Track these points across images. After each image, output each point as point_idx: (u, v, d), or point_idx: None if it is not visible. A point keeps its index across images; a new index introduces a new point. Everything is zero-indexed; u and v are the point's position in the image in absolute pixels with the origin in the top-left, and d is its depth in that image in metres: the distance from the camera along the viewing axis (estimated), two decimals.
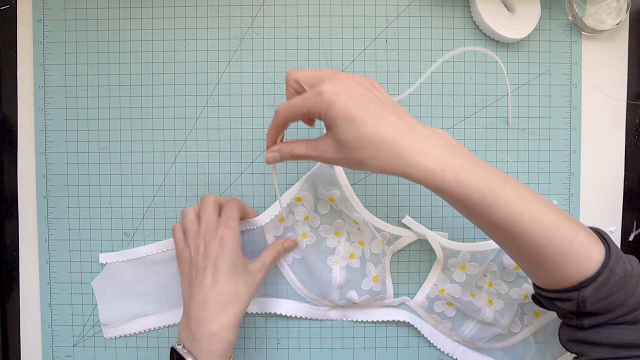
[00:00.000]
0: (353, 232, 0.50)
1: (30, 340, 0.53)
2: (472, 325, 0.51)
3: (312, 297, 0.51)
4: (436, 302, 0.51)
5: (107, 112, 0.51)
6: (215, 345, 0.39)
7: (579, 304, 0.36)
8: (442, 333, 0.52)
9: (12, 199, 0.52)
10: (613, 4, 0.50)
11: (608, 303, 0.35)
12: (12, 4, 0.51)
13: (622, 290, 0.35)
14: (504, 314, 0.50)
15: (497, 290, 0.50)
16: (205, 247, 0.41)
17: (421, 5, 0.51)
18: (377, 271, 0.49)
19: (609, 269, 0.35)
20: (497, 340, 0.51)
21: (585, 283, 0.35)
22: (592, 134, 0.52)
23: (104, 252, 0.51)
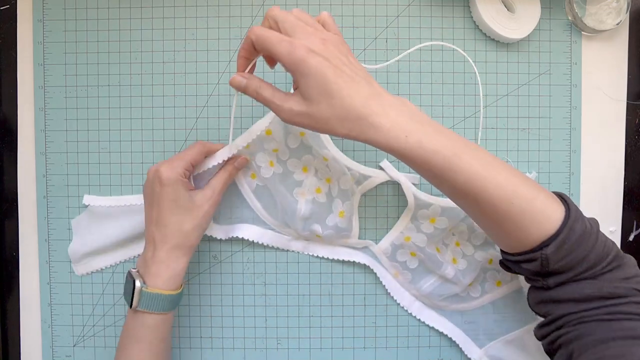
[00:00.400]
0: (321, 169, 0.49)
1: (30, 340, 0.53)
2: (432, 280, 0.51)
3: (275, 224, 0.50)
4: (400, 250, 0.50)
5: (107, 112, 0.51)
6: (163, 270, 0.43)
7: (543, 262, 0.38)
8: (401, 285, 0.52)
9: (12, 199, 0.52)
10: (613, 4, 0.50)
11: (569, 260, 0.37)
12: (12, 4, 0.51)
13: (582, 247, 0.37)
14: (465, 274, 0.50)
15: (463, 250, 0.50)
16: (151, 188, 0.44)
17: (421, 5, 0.51)
18: (344, 207, 0.49)
19: (569, 227, 0.37)
20: (454, 301, 0.51)
21: (547, 242, 0.37)
22: (592, 134, 0.52)
23: (91, 195, 0.51)
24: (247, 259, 0.52)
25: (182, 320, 0.52)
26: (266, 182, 0.49)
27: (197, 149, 0.45)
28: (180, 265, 0.44)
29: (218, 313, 0.52)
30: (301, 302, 0.52)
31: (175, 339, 0.52)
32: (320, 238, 0.50)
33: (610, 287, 0.37)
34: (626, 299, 0.36)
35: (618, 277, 0.37)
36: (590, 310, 0.37)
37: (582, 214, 0.39)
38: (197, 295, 0.52)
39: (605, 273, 0.37)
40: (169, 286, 0.43)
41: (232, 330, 0.52)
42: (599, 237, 0.38)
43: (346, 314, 0.53)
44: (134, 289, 0.42)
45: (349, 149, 0.50)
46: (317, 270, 0.52)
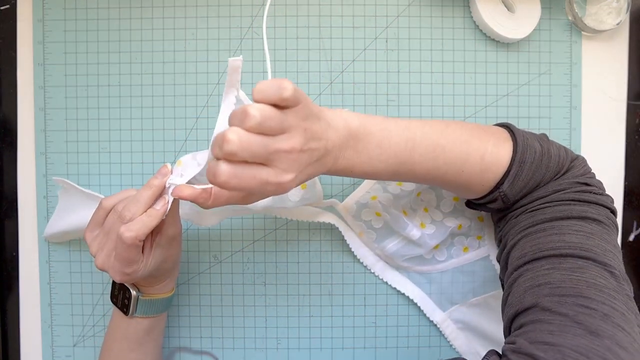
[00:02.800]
0: None
1: (30, 340, 0.53)
2: (397, 241, 0.50)
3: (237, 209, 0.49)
4: (365, 210, 0.50)
5: (107, 112, 0.51)
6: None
7: (504, 199, 0.40)
8: (365, 244, 0.52)
9: (12, 199, 0.52)
10: (613, 4, 0.50)
11: (529, 188, 0.39)
12: (12, 4, 0.51)
13: (537, 173, 0.39)
14: (433, 237, 0.50)
15: (432, 216, 0.50)
16: None
17: (421, 5, 0.51)
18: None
19: (518, 161, 0.39)
20: (418, 262, 0.51)
21: (501, 180, 0.39)
22: (592, 134, 0.52)
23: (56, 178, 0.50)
24: (247, 259, 0.52)
25: (183, 320, 0.52)
26: None
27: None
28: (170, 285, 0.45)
29: (218, 313, 0.52)
30: (301, 302, 0.52)
31: (176, 339, 0.52)
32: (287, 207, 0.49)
33: (555, 184, 0.39)
34: (567, 190, 0.39)
35: (566, 177, 0.40)
36: (531, 203, 0.40)
37: (531, 140, 0.40)
38: (197, 295, 0.52)
39: (559, 178, 0.40)
40: (161, 290, 0.44)
41: (232, 330, 0.53)
42: (551, 154, 0.40)
43: (346, 314, 0.53)
44: (128, 297, 0.42)
45: None
46: (317, 270, 0.52)
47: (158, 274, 0.42)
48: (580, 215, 0.37)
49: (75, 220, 0.49)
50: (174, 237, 0.41)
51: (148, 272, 0.40)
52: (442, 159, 0.38)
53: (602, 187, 0.41)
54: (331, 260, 0.52)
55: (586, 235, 0.36)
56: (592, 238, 0.36)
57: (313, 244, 0.52)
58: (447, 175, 0.39)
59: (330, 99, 0.51)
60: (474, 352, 0.51)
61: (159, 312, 0.44)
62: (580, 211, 0.38)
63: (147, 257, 0.40)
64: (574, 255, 0.35)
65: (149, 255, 0.40)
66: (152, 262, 0.40)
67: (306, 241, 0.52)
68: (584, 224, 0.37)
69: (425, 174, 0.39)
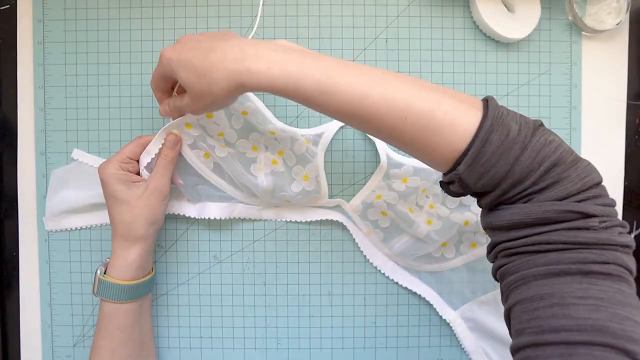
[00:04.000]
0: (271, 144, 0.49)
1: (30, 340, 0.53)
2: (405, 239, 0.50)
3: (243, 197, 0.50)
4: (370, 209, 0.50)
5: (107, 112, 0.51)
6: (115, 260, 0.44)
7: (461, 183, 0.33)
8: (373, 244, 0.52)
9: (12, 199, 0.52)
10: (613, 4, 0.50)
11: (490, 177, 0.32)
12: (12, 4, 0.51)
13: (502, 160, 0.31)
14: (440, 234, 0.50)
15: (438, 213, 0.50)
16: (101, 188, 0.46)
17: (421, 5, 0.51)
18: (306, 170, 0.49)
19: (481, 139, 0.31)
20: (427, 260, 0.51)
21: (459, 159, 0.32)
22: (592, 134, 0.52)
23: (80, 150, 0.51)
24: (247, 259, 0.52)
25: (183, 320, 0.52)
26: (221, 162, 0.48)
27: (134, 142, 0.46)
28: (131, 255, 0.44)
29: (218, 313, 0.52)
30: (301, 302, 0.52)
31: (176, 339, 0.52)
32: (290, 203, 0.50)
33: (538, 210, 0.31)
34: (557, 226, 0.31)
35: (552, 196, 0.31)
36: (518, 239, 0.32)
37: (506, 118, 0.32)
38: (197, 295, 0.52)
39: (537, 192, 0.32)
40: (124, 276, 0.44)
41: (232, 330, 0.53)
42: (529, 145, 0.31)
43: (346, 314, 0.53)
44: (96, 275, 0.45)
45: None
46: (317, 270, 0.52)
47: (129, 230, 0.44)
48: (582, 270, 0.29)
49: (90, 194, 0.50)
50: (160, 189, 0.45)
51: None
52: (380, 98, 0.33)
53: (607, 209, 0.32)
54: (331, 260, 0.52)
55: (596, 304, 0.28)
56: (604, 307, 0.28)
57: (313, 244, 0.52)
58: (384, 118, 0.33)
59: None
60: (481, 352, 0.51)
61: (119, 299, 0.44)
62: (581, 261, 0.30)
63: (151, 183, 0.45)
64: (587, 343, 0.27)
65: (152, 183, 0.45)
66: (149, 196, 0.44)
67: (306, 241, 0.52)
68: (589, 285, 0.29)
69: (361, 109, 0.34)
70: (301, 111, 0.51)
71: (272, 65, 0.34)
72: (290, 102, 0.45)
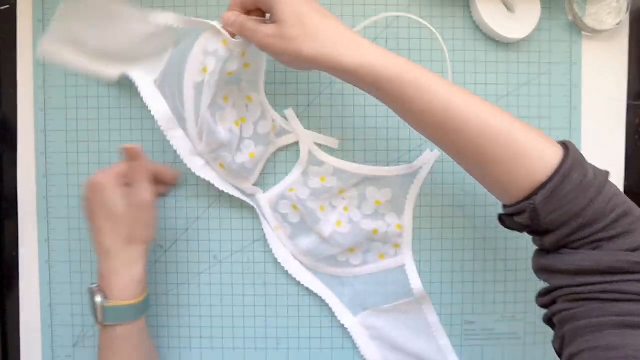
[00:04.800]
0: (239, 106, 0.48)
1: (30, 340, 0.53)
2: (312, 239, 0.50)
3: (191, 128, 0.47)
4: (282, 201, 0.50)
5: (107, 112, 0.51)
6: (120, 280, 0.42)
7: (532, 214, 0.34)
8: (280, 240, 0.51)
9: (12, 199, 0.52)
10: (613, 4, 0.50)
11: (562, 214, 0.33)
12: (12, 4, 0.51)
13: (578, 199, 0.32)
14: (346, 237, 0.49)
15: (350, 216, 0.50)
16: (88, 200, 0.44)
17: (421, 5, 0.51)
18: (255, 149, 0.48)
19: (563, 174, 0.33)
20: (331, 263, 0.51)
21: (536, 190, 0.33)
22: (592, 134, 0.52)
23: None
24: (247, 259, 0.52)
25: (183, 320, 0.52)
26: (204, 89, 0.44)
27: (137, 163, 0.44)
28: (138, 270, 0.43)
29: (218, 313, 0.52)
30: (301, 302, 0.52)
31: (176, 339, 0.52)
32: (223, 168, 0.48)
33: (610, 259, 0.32)
34: (629, 276, 0.31)
35: (623, 246, 0.32)
36: (586, 285, 0.32)
37: (584, 161, 0.34)
38: (197, 295, 0.52)
39: (607, 239, 0.32)
40: (129, 295, 0.42)
41: (232, 330, 0.53)
42: (603, 190, 0.33)
43: None
44: (95, 305, 0.42)
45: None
46: None
47: (129, 237, 0.43)
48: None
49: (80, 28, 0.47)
50: (144, 202, 0.43)
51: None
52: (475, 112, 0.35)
53: None
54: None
55: None
56: None
57: None
58: (473, 132, 0.35)
59: (330, 99, 0.51)
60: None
61: (131, 319, 0.43)
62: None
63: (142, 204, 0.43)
64: None
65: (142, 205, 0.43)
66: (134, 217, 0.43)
67: None
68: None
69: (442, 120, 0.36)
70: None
71: (380, 60, 0.37)
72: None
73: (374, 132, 0.51)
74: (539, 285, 0.52)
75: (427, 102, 0.36)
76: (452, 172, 0.51)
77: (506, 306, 0.52)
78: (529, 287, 0.52)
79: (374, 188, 0.50)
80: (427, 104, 0.36)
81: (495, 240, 0.52)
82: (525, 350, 0.53)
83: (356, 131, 0.51)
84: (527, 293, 0.52)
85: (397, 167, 0.49)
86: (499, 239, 0.52)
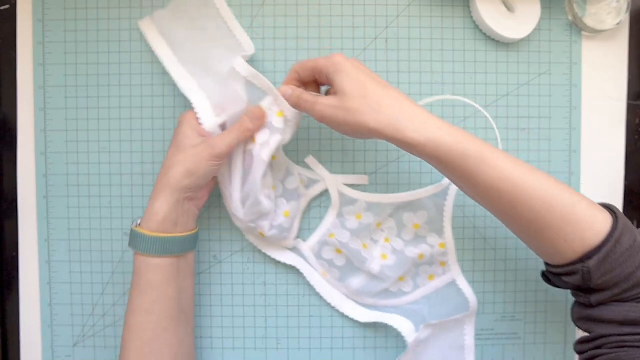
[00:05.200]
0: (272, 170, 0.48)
1: (30, 340, 0.53)
2: (361, 278, 0.50)
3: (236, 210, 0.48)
4: (325, 248, 0.50)
5: (107, 112, 0.51)
6: (147, 209, 0.43)
7: (584, 276, 0.36)
8: (330, 283, 0.51)
9: (12, 199, 0.52)
10: (613, 4, 0.50)
11: (614, 276, 0.35)
12: (12, 4, 0.51)
13: (629, 262, 0.35)
14: (394, 269, 0.49)
15: (393, 246, 0.50)
16: None
17: (421, 5, 0.51)
18: (288, 207, 0.49)
19: (615, 239, 0.35)
20: (385, 296, 0.51)
21: (590, 254, 0.35)
22: (592, 134, 0.52)
23: None
24: (247, 259, 0.52)
25: None
26: (254, 160, 0.45)
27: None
28: (157, 204, 0.42)
29: (218, 313, 0.52)
30: (301, 302, 0.52)
31: None
32: (263, 237, 0.49)
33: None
34: None
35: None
36: (633, 335, 0.35)
37: (632, 226, 0.37)
38: (197, 295, 0.52)
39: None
40: (149, 227, 0.42)
41: (232, 330, 0.53)
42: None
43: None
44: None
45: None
46: None
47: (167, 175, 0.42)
48: None
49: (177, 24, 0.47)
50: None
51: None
52: (532, 184, 0.37)
53: None
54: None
55: None
56: None
57: None
58: (532, 202, 0.37)
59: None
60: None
61: (145, 251, 0.42)
62: None
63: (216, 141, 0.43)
64: None
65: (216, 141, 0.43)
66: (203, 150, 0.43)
67: None
68: None
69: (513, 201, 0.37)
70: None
71: (440, 136, 0.37)
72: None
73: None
74: (539, 285, 0.52)
75: (491, 177, 0.37)
76: None
77: (506, 306, 0.52)
78: (529, 287, 0.52)
79: (410, 213, 0.50)
80: (491, 180, 0.37)
81: (495, 240, 0.52)
82: (525, 350, 0.53)
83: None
84: (527, 293, 0.52)
85: (427, 188, 0.50)
86: (499, 239, 0.52)
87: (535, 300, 0.52)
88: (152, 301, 0.42)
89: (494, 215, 0.41)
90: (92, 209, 0.52)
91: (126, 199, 0.52)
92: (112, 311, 0.52)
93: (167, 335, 0.43)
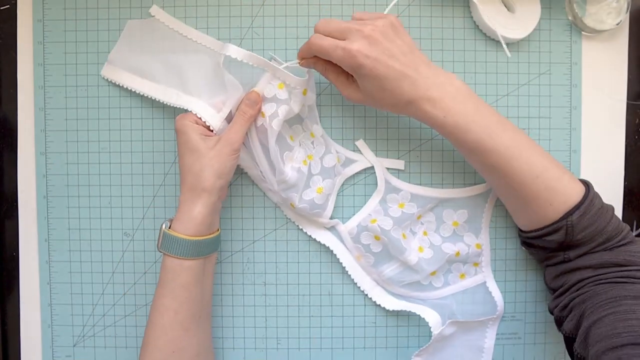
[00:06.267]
0: (305, 144, 0.49)
1: (30, 340, 0.53)
2: (395, 266, 0.50)
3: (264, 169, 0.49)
4: (364, 233, 0.50)
5: (107, 112, 0.51)
6: (181, 214, 0.44)
7: (568, 230, 0.42)
8: (363, 268, 0.51)
9: (12, 199, 0.52)
10: (613, 4, 0.50)
11: (591, 231, 0.41)
12: (12, 4, 0.51)
13: (601, 218, 0.42)
14: (430, 263, 0.50)
15: (431, 240, 0.51)
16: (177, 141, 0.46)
17: (421, 5, 0.51)
18: (323, 184, 0.49)
19: (590, 199, 0.42)
20: (415, 288, 0.51)
21: (571, 211, 0.41)
22: (592, 134, 0.52)
23: (156, 5, 0.50)
24: (247, 259, 0.52)
25: None
26: (268, 131, 0.46)
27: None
28: (196, 209, 0.43)
29: (218, 313, 0.52)
30: (301, 302, 0.52)
31: None
32: (293, 208, 0.49)
33: (626, 255, 0.41)
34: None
35: (633, 250, 0.42)
36: (605, 274, 0.41)
37: (597, 193, 0.43)
38: None
39: (620, 246, 0.42)
40: (187, 231, 0.43)
41: (232, 330, 0.53)
42: (614, 214, 0.43)
43: (346, 314, 0.53)
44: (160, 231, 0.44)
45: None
46: (317, 270, 0.52)
47: (196, 180, 0.43)
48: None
49: (141, 51, 0.49)
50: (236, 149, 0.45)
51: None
52: (524, 162, 0.42)
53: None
54: (331, 260, 0.52)
55: None
56: None
57: (313, 244, 0.52)
58: (522, 177, 0.42)
59: (331, 99, 0.51)
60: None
61: (180, 254, 0.43)
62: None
63: (226, 135, 0.45)
64: None
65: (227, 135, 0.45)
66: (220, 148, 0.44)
67: (306, 241, 0.52)
68: None
69: (507, 166, 0.42)
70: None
71: (448, 115, 0.41)
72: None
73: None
74: (539, 286, 0.52)
75: (490, 158, 0.42)
76: None
77: (506, 306, 0.52)
78: (529, 287, 0.52)
79: (451, 210, 0.51)
80: (489, 160, 0.42)
81: (495, 240, 0.52)
82: (525, 350, 0.53)
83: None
84: (527, 293, 0.52)
85: (471, 187, 0.51)
86: (499, 239, 0.52)
87: (535, 300, 0.52)
88: (181, 302, 0.43)
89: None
90: (92, 209, 0.52)
91: (126, 199, 0.52)
92: (112, 311, 0.52)
93: (189, 334, 0.44)
